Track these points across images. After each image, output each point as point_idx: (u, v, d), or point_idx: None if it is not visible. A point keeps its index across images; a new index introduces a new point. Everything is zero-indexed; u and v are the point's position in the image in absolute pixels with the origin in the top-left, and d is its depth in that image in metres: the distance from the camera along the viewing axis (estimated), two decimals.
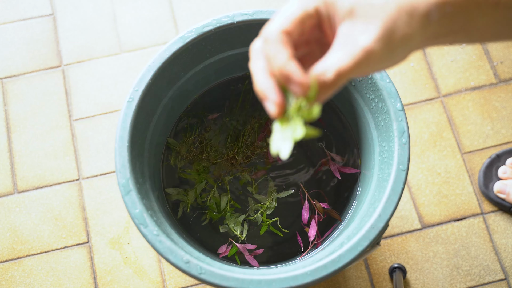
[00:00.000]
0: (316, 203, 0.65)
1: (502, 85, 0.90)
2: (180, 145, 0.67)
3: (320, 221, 0.65)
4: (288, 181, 0.69)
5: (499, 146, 0.86)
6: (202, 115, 0.69)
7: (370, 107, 0.57)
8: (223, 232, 0.65)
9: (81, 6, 0.96)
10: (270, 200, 0.66)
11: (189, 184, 0.67)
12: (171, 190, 0.65)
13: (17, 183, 0.85)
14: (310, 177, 0.69)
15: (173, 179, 0.67)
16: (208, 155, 0.67)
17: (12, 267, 0.81)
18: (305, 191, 0.66)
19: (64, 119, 0.89)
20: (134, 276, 0.80)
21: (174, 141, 0.67)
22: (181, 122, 0.68)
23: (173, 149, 0.67)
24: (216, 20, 0.56)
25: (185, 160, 0.67)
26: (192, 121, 0.68)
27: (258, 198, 0.66)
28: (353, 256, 0.48)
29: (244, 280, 0.47)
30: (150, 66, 0.55)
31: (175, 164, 0.67)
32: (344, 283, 0.80)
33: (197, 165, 0.67)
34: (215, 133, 0.68)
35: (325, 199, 0.67)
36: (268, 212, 0.65)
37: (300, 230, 0.65)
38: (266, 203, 0.65)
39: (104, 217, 0.83)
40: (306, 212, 0.65)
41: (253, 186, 0.67)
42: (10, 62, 0.92)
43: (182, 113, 0.68)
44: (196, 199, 0.65)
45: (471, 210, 0.83)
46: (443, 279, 0.80)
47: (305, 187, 0.67)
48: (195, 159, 0.67)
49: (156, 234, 0.48)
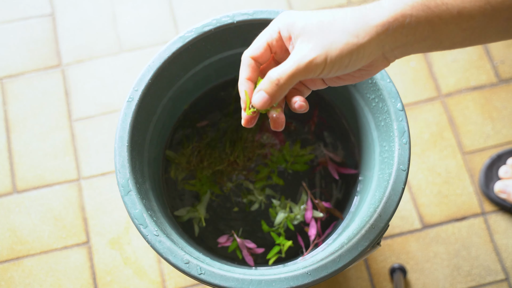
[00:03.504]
0: (319, 202, 0.65)
1: (503, 85, 0.90)
2: (179, 157, 0.66)
3: (322, 221, 0.65)
4: (288, 180, 0.68)
5: (499, 146, 0.86)
6: (195, 123, 0.69)
7: (370, 107, 0.57)
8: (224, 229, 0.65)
9: (81, 5, 0.96)
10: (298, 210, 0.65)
11: (192, 194, 0.67)
12: (180, 212, 0.65)
13: (16, 183, 0.85)
14: (308, 177, 0.68)
15: (175, 191, 0.66)
16: (209, 163, 0.67)
17: (12, 267, 0.81)
18: (307, 190, 0.66)
19: (64, 119, 0.89)
20: (134, 277, 0.80)
21: (172, 153, 0.66)
22: (177, 133, 0.68)
23: (173, 162, 0.67)
24: (216, 20, 0.56)
25: (185, 171, 0.67)
26: (187, 132, 0.68)
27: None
28: (353, 256, 0.47)
29: (244, 281, 0.47)
30: (150, 66, 0.55)
31: (175, 177, 0.66)
32: (345, 283, 0.80)
33: (199, 174, 0.66)
34: (213, 140, 0.68)
35: (327, 198, 0.66)
36: (295, 222, 0.65)
37: (301, 230, 0.65)
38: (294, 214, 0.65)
39: (104, 217, 0.83)
40: (309, 211, 0.64)
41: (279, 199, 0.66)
42: (10, 62, 0.92)
43: (176, 123, 0.67)
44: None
45: (472, 210, 0.83)
46: (443, 279, 0.80)
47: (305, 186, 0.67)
48: (196, 168, 0.67)
49: (156, 234, 0.48)
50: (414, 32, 0.38)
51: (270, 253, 0.63)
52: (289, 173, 0.68)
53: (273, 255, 0.63)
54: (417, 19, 0.37)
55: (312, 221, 0.64)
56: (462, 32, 0.38)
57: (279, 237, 0.64)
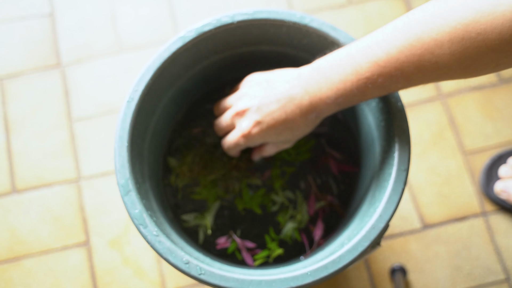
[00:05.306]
0: (323, 195, 0.65)
1: (504, 85, 0.90)
2: (181, 165, 0.66)
3: (325, 217, 0.65)
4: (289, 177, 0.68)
5: (500, 146, 0.86)
6: (192, 128, 0.68)
7: (370, 107, 0.57)
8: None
9: (81, 5, 0.96)
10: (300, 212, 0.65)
11: (194, 203, 0.67)
12: (187, 217, 0.64)
13: (16, 183, 0.85)
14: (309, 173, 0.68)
15: (176, 199, 0.66)
16: (211, 168, 0.66)
17: (11, 267, 0.81)
18: (312, 183, 0.66)
19: (63, 119, 0.89)
20: (133, 277, 0.80)
21: (174, 160, 0.66)
22: (176, 138, 0.68)
23: (174, 170, 0.66)
24: (216, 20, 0.56)
25: (187, 179, 0.66)
26: (184, 141, 0.68)
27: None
28: (353, 256, 0.47)
29: (244, 281, 0.47)
30: (149, 66, 0.55)
31: (176, 184, 0.66)
32: (345, 283, 0.80)
33: (203, 181, 0.66)
34: (213, 144, 0.68)
35: (331, 191, 0.66)
36: (302, 226, 0.65)
37: (305, 229, 0.65)
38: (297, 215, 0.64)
39: (103, 218, 0.83)
40: (312, 203, 0.64)
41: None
42: (9, 62, 0.92)
43: (175, 124, 0.67)
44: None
45: (472, 210, 0.83)
46: (444, 279, 0.80)
47: (303, 184, 0.66)
48: (199, 175, 0.66)
49: (156, 234, 0.48)
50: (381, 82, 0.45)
51: (258, 255, 0.62)
52: (296, 165, 0.67)
53: (260, 258, 0.62)
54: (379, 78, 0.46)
55: (318, 222, 0.64)
56: (423, 77, 0.43)
57: (272, 242, 0.63)
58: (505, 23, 0.34)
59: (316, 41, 0.57)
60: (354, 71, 0.44)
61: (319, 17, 0.92)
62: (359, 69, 0.43)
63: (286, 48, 0.61)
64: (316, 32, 0.56)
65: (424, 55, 0.39)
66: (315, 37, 0.56)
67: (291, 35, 0.58)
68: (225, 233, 0.65)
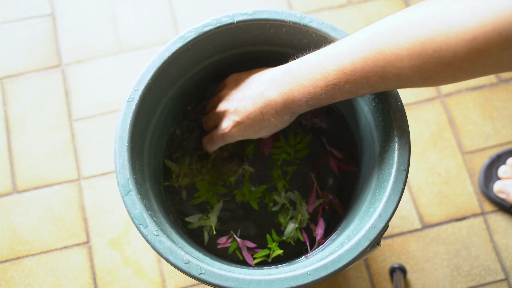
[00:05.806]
0: (323, 193, 0.65)
1: (503, 85, 0.90)
2: (180, 168, 0.66)
3: (325, 216, 0.65)
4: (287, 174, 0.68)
5: (499, 146, 0.86)
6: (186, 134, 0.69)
7: (370, 107, 0.57)
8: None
9: (81, 5, 0.96)
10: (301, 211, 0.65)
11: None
12: (191, 218, 0.64)
13: (16, 183, 0.85)
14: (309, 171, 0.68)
15: (177, 198, 0.66)
16: (207, 169, 0.66)
17: (12, 267, 0.81)
18: (314, 181, 0.66)
19: (64, 119, 0.89)
20: (134, 277, 0.80)
21: (173, 163, 0.66)
22: (175, 140, 0.68)
23: (173, 172, 0.66)
24: (216, 20, 0.56)
25: (187, 180, 0.66)
26: (182, 146, 0.68)
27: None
28: (353, 256, 0.47)
29: (244, 280, 0.47)
30: (149, 66, 0.55)
31: (178, 186, 0.66)
32: (345, 283, 0.80)
33: (199, 184, 0.66)
34: None
35: (332, 189, 0.66)
36: (303, 226, 0.65)
37: (306, 228, 0.65)
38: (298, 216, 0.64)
39: (104, 217, 0.83)
40: (312, 201, 0.64)
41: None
42: (10, 62, 0.92)
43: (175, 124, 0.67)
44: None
45: (472, 210, 0.83)
46: (443, 279, 0.80)
47: (303, 182, 0.67)
48: (198, 173, 0.66)
49: (156, 234, 0.48)
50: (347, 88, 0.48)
51: (258, 254, 0.63)
52: (297, 163, 0.67)
53: (260, 257, 0.62)
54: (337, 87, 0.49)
55: (320, 221, 0.64)
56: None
57: (272, 243, 0.63)
58: (458, 43, 0.37)
59: (316, 41, 0.57)
60: (322, 77, 0.47)
61: (319, 17, 0.92)
62: (327, 75, 0.46)
63: (286, 48, 0.61)
64: (316, 32, 0.56)
65: (386, 66, 0.42)
66: (315, 37, 0.57)
67: (291, 35, 0.58)
68: (226, 233, 0.65)
